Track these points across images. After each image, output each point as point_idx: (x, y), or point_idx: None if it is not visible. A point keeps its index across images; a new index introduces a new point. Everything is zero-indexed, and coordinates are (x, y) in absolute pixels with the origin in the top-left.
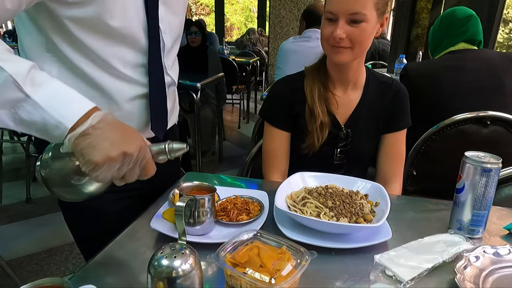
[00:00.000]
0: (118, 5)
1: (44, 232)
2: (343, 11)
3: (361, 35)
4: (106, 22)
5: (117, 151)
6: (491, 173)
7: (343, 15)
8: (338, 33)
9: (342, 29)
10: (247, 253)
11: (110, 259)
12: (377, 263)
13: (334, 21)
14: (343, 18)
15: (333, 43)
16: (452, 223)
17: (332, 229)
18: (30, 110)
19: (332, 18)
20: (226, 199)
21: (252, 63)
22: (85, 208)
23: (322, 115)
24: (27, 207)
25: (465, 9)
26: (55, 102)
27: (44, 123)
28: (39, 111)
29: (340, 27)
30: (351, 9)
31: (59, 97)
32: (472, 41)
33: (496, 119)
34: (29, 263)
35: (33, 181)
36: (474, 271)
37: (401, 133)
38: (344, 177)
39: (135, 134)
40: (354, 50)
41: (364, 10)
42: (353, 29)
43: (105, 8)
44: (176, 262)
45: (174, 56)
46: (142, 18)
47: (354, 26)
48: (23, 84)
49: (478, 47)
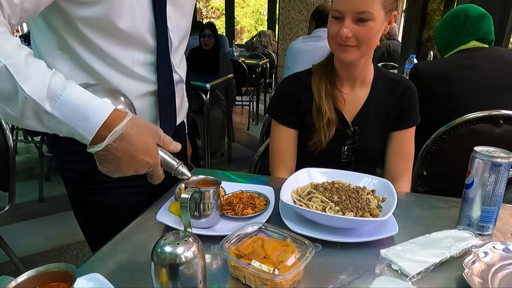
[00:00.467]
0: (125, 5)
1: (56, 230)
2: (349, 9)
3: (368, 34)
4: (114, 23)
5: (127, 171)
6: (501, 168)
7: (350, 13)
8: (345, 31)
9: (349, 28)
10: (251, 244)
11: (117, 250)
12: (383, 257)
13: (340, 20)
14: (349, 17)
15: (339, 42)
16: (461, 219)
17: (337, 223)
18: (55, 123)
19: (339, 16)
20: (232, 194)
21: (261, 65)
22: (95, 203)
23: (329, 112)
24: (39, 206)
25: (477, 8)
26: (75, 115)
27: (69, 133)
28: (63, 124)
29: (347, 26)
30: (358, 8)
31: (79, 110)
32: (484, 39)
33: (509, 118)
34: (41, 260)
35: (46, 181)
36: (482, 266)
37: (410, 131)
38: (351, 173)
39: (148, 150)
40: (361, 48)
41: (371, 8)
42: (359, 28)
43: (113, 8)
44: (179, 249)
45: (181, 54)
46: (150, 18)
47: (361, 25)
48: (43, 103)
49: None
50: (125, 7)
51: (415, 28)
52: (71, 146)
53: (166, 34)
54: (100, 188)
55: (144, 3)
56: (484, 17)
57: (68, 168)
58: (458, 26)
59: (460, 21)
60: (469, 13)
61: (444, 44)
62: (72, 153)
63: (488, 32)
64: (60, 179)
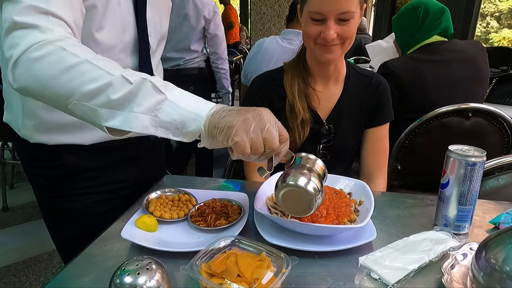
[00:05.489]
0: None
1: (22, 242)
2: (332, 11)
3: (351, 31)
4: (93, 35)
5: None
6: (476, 167)
7: (332, 15)
8: (330, 34)
9: (333, 29)
10: (224, 261)
11: (77, 273)
12: (362, 265)
13: (321, 21)
14: (332, 18)
15: (322, 43)
16: (437, 219)
17: (314, 231)
18: (169, 110)
19: (319, 18)
20: (204, 203)
21: (235, 61)
22: (70, 210)
23: (303, 111)
24: (3, 216)
25: (435, 2)
26: (187, 99)
27: (183, 119)
28: (177, 109)
29: (331, 27)
30: (341, 9)
31: (188, 96)
32: (444, 33)
33: (478, 111)
34: (6, 275)
35: (10, 189)
36: (461, 270)
37: (384, 128)
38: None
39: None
40: (344, 46)
41: (352, 8)
42: (342, 28)
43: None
44: (140, 279)
45: (158, 58)
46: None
47: (343, 24)
48: (162, 88)
49: None
50: (106, 18)
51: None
52: (41, 151)
53: (147, 36)
54: (73, 194)
55: (125, 7)
56: (444, 11)
57: (38, 174)
58: (419, 21)
59: (420, 16)
60: (429, 7)
61: (405, 40)
62: (43, 159)
63: (448, 26)
64: (25, 187)
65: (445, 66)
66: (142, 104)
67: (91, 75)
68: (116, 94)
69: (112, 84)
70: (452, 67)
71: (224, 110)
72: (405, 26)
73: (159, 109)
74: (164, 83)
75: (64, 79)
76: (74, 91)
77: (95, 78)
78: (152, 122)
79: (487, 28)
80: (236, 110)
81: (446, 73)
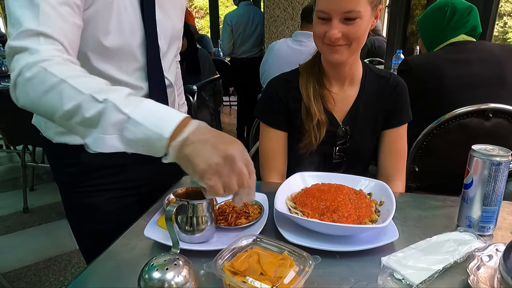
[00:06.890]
0: (112, 21)
1: (42, 242)
2: (336, 9)
3: (357, 32)
4: (101, 41)
5: (220, 154)
6: (501, 167)
7: (337, 14)
8: (333, 33)
9: (337, 29)
10: (247, 260)
11: (102, 271)
12: (384, 266)
13: (327, 20)
14: (336, 17)
15: (328, 42)
16: (461, 220)
17: (335, 231)
18: (133, 129)
19: (325, 17)
20: (224, 203)
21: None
22: (86, 205)
23: (319, 113)
24: (24, 217)
25: (463, 1)
26: (151, 118)
27: (147, 138)
28: (140, 127)
29: (335, 26)
30: (345, 8)
31: (154, 113)
32: (472, 33)
33: (498, 112)
34: (27, 274)
35: (31, 191)
36: (488, 272)
37: (402, 128)
38: (346, 175)
39: (232, 138)
40: (351, 47)
41: (357, 7)
42: (348, 27)
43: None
44: (168, 274)
45: (170, 58)
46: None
47: (349, 24)
48: (123, 107)
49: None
50: (112, 23)
51: (400, 23)
52: (63, 150)
53: (156, 39)
54: (90, 190)
55: (131, 11)
56: (472, 10)
57: (61, 171)
58: (446, 20)
59: (447, 15)
60: (457, 6)
61: (431, 38)
62: (63, 157)
63: (476, 25)
64: (45, 189)
65: (467, 65)
66: (107, 126)
67: (66, 94)
68: (87, 113)
69: (81, 104)
70: (474, 67)
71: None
72: (431, 25)
73: (124, 128)
74: (128, 100)
75: (45, 99)
76: (55, 111)
77: (70, 97)
78: (121, 140)
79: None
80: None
81: (467, 73)
